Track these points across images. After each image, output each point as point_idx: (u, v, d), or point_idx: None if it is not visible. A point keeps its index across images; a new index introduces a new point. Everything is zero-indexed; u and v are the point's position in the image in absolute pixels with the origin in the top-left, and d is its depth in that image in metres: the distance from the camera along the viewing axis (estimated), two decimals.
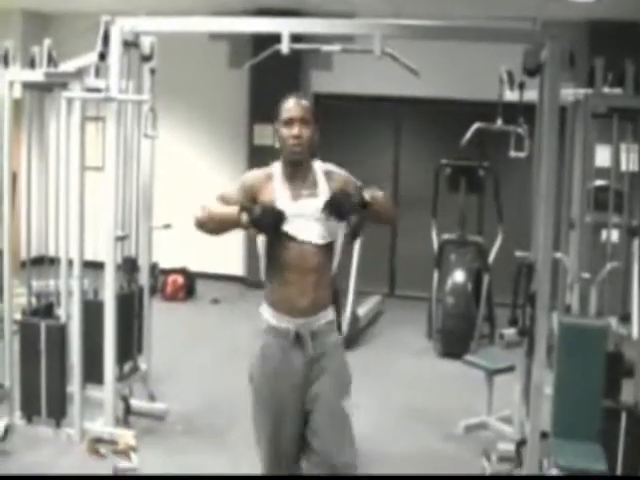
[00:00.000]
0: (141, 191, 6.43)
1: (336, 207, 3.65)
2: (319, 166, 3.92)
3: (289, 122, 3.78)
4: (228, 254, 11.76)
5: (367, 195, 3.71)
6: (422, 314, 9.61)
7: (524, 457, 5.36)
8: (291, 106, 3.81)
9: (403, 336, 9.56)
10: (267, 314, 3.85)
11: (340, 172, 4.00)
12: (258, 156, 11.12)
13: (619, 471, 4.83)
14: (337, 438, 3.80)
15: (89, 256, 5.79)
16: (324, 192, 3.79)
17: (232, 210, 3.71)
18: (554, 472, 4.93)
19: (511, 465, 5.54)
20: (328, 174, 3.90)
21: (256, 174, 3.93)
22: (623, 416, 4.89)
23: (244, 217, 3.65)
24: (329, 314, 3.89)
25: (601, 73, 5.44)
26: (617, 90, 5.47)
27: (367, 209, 3.72)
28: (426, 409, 6.99)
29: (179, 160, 11.82)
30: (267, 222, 3.65)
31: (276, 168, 3.91)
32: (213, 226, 3.84)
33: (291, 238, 3.73)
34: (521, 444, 5.47)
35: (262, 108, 11.10)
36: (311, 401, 3.78)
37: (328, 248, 3.83)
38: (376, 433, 6.36)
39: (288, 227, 3.71)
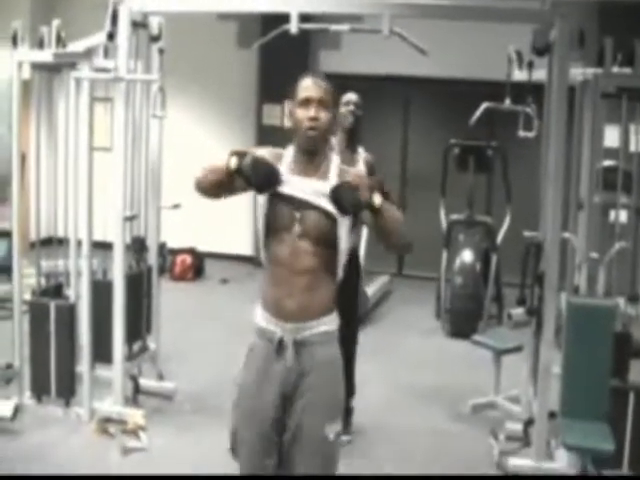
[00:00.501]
0: (150, 171, 6.43)
1: (338, 198, 3.19)
2: (336, 160, 3.45)
3: (305, 102, 3.33)
4: (237, 234, 11.77)
5: (377, 199, 3.19)
6: (430, 294, 9.64)
7: (532, 437, 5.38)
8: (309, 85, 3.36)
9: (411, 316, 9.58)
10: (258, 314, 3.43)
11: (355, 171, 3.68)
12: (267, 136, 11.14)
13: (627, 451, 4.84)
14: (310, 466, 3.34)
15: (98, 236, 5.80)
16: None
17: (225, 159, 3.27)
18: (562, 452, 4.97)
19: (519, 444, 5.56)
20: (343, 169, 3.42)
21: (267, 150, 3.47)
22: (631, 396, 4.90)
23: (233, 161, 3.22)
24: (326, 324, 3.38)
25: (610, 53, 5.43)
26: (627, 70, 5.45)
27: (374, 213, 3.22)
28: (434, 388, 7.00)
29: (188, 140, 11.79)
30: (258, 174, 3.20)
31: (288, 151, 3.44)
32: (208, 180, 3.35)
33: (287, 228, 3.29)
34: (529, 424, 5.49)
35: (271, 88, 11.13)
36: (291, 419, 3.34)
37: (330, 248, 3.32)
38: (384, 411, 6.39)
39: (286, 189, 3.29)
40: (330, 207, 3.25)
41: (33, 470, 5.05)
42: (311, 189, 3.29)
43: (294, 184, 3.30)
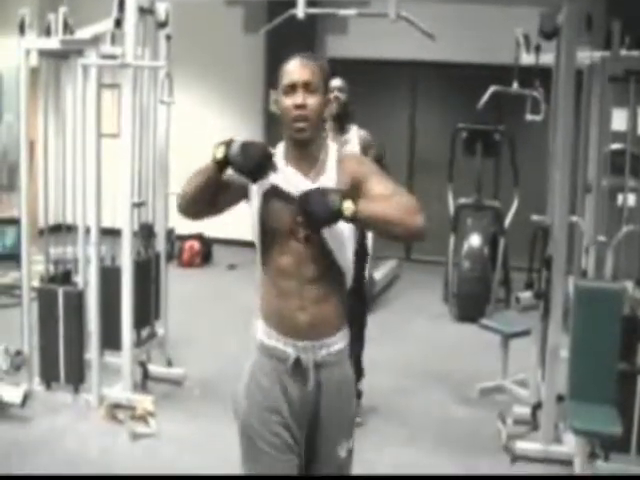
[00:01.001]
0: (157, 157, 6.44)
1: (305, 213, 2.75)
2: (333, 148, 3.05)
3: (290, 89, 2.98)
4: (244, 220, 11.72)
5: (349, 205, 2.68)
6: (438, 278, 9.65)
7: (540, 420, 5.39)
8: (293, 68, 3.01)
9: (419, 300, 9.59)
10: (261, 331, 3.03)
11: (354, 155, 3.48)
12: (274, 122, 11.11)
13: (634, 434, 4.85)
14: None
15: (106, 223, 5.82)
16: (329, 182, 2.92)
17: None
18: (569, 435, 4.98)
19: (526, 428, 5.58)
20: (341, 158, 3.00)
21: None
22: (639, 379, 4.90)
23: (220, 150, 2.83)
24: (339, 341, 3.01)
25: (618, 36, 5.40)
26: (634, 53, 5.43)
27: (356, 220, 2.73)
28: (442, 372, 7.01)
29: (195, 126, 11.80)
30: (249, 156, 2.79)
31: (279, 148, 3.03)
32: (194, 185, 2.96)
33: (292, 233, 2.91)
34: (537, 407, 5.50)
35: (278, 73, 11.09)
36: (305, 439, 3.04)
37: (335, 251, 2.93)
38: (392, 395, 6.40)
39: (280, 179, 2.91)
40: None
41: (42, 456, 5.09)
42: (300, 191, 2.82)
43: (288, 176, 2.92)
